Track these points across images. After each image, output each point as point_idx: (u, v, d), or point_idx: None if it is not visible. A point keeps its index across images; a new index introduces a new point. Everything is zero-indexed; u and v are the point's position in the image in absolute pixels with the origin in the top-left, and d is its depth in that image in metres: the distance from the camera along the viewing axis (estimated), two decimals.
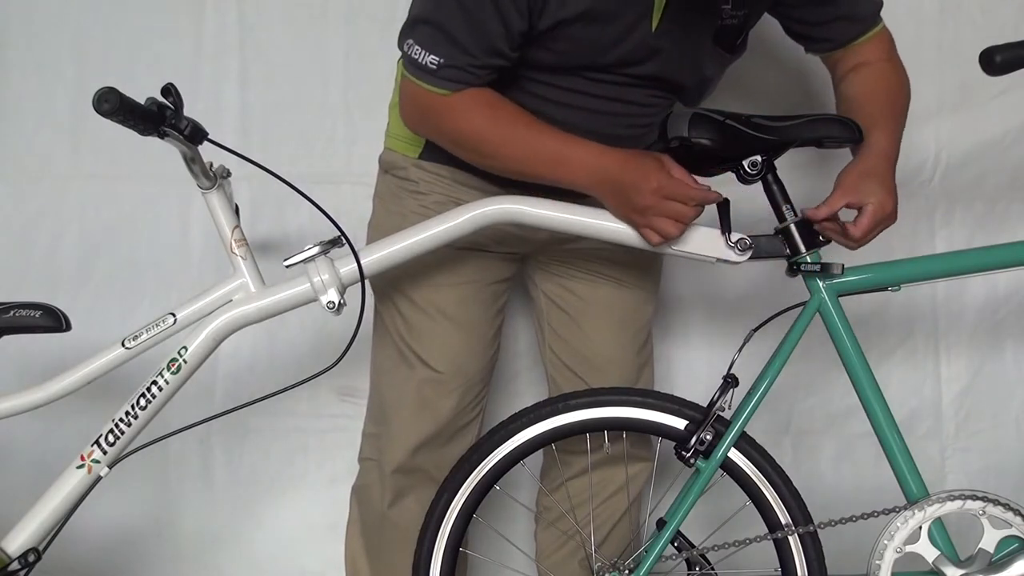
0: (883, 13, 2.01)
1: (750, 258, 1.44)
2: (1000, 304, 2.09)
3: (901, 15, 2.01)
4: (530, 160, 1.41)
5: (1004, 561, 1.43)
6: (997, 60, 1.39)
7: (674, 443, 1.49)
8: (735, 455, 1.48)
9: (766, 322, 1.49)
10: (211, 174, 1.45)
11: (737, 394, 1.48)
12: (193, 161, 1.41)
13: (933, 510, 1.44)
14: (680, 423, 1.48)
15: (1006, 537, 1.45)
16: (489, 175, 1.52)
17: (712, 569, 1.53)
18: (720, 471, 1.47)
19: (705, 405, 1.47)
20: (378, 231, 1.60)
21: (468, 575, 1.79)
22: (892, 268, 1.48)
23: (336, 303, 1.42)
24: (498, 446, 1.50)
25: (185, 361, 1.45)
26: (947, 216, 2.06)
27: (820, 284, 1.46)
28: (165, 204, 2.00)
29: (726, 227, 1.44)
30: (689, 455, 1.47)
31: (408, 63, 1.41)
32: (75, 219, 2.02)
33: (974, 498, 1.44)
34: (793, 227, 1.45)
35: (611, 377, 1.65)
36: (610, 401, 1.50)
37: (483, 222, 1.44)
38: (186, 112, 1.35)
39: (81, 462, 1.46)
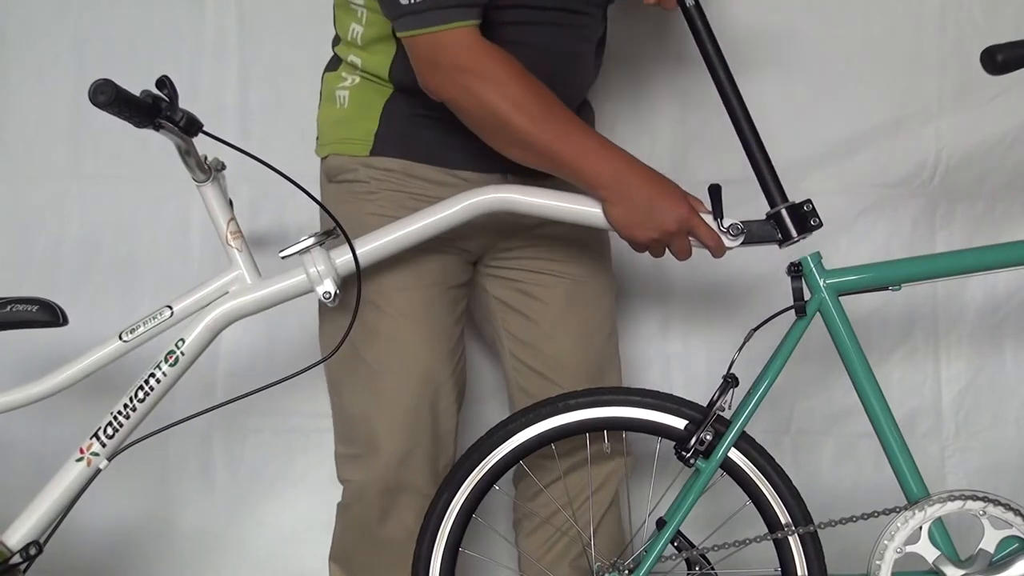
0: (883, 13, 2.03)
1: (742, 243, 1.45)
2: (1000, 304, 2.09)
3: (901, 15, 2.02)
4: (562, 144, 1.39)
5: (1005, 561, 1.43)
6: (999, 59, 1.40)
7: (674, 443, 1.49)
8: (735, 455, 1.47)
9: (766, 322, 1.48)
10: (206, 167, 1.45)
11: (737, 394, 1.48)
12: (188, 154, 1.41)
13: (933, 510, 1.44)
14: (680, 423, 1.48)
15: (1007, 537, 1.44)
16: (444, 164, 1.53)
17: (712, 569, 1.53)
18: (720, 471, 1.47)
19: (705, 405, 1.47)
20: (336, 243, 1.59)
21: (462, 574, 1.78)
22: (892, 267, 1.48)
23: (332, 293, 1.42)
24: (497, 446, 1.50)
25: (183, 353, 1.45)
26: (947, 216, 2.06)
27: (820, 283, 1.46)
28: (165, 204, 2.00)
29: (718, 213, 1.44)
30: (689, 455, 1.46)
31: (412, 17, 1.37)
32: (75, 219, 2.02)
33: (975, 498, 1.44)
34: (784, 212, 1.45)
35: (581, 374, 1.63)
36: (609, 401, 1.50)
37: (477, 211, 1.44)
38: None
39: (80, 455, 1.46)
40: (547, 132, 1.39)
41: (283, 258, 1.43)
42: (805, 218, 1.45)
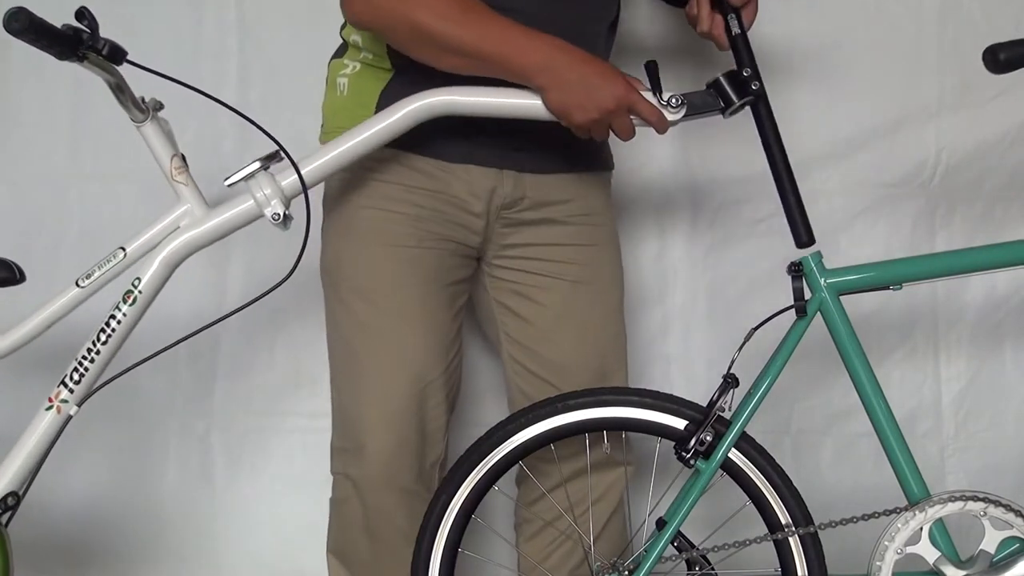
0: (882, 13, 2.03)
1: (685, 115, 1.43)
2: (1000, 304, 2.09)
3: (901, 15, 2.03)
4: (486, 40, 1.39)
5: (1005, 562, 1.43)
6: (1001, 58, 1.40)
7: (674, 443, 1.48)
8: (735, 455, 1.47)
9: (766, 321, 1.48)
10: (143, 106, 1.44)
11: (737, 394, 1.47)
12: (121, 91, 1.39)
13: (934, 511, 1.44)
14: (680, 423, 1.48)
15: (1007, 538, 1.44)
16: (439, 156, 1.53)
17: (712, 569, 1.53)
18: (720, 471, 1.47)
19: (705, 405, 1.47)
20: (332, 232, 1.59)
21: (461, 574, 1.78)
22: (893, 267, 1.48)
23: (281, 214, 1.41)
24: (497, 446, 1.49)
25: (140, 292, 1.44)
26: (947, 216, 2.06)
27: (821, 283, 1.46)
28: (165, 205, 2.00)
29: (656, 88, 1.42)
30: (689, 456, 1.46)
31: None
32: (75, 219, 2.02)
33: (975, 499, 1.44)
34: (723, 79, 1.44)
35: (583, 376, 1.61)
36: (609, 401, 1.50)
37: (420, 116, 1.43)
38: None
39: (49, 404, 1.45)
40: (471, 33, 1.39)
41: (229, 186, 1.41)
42: (745, 84, 1.43)
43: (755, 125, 1.45)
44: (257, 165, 1.41)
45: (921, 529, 1.44)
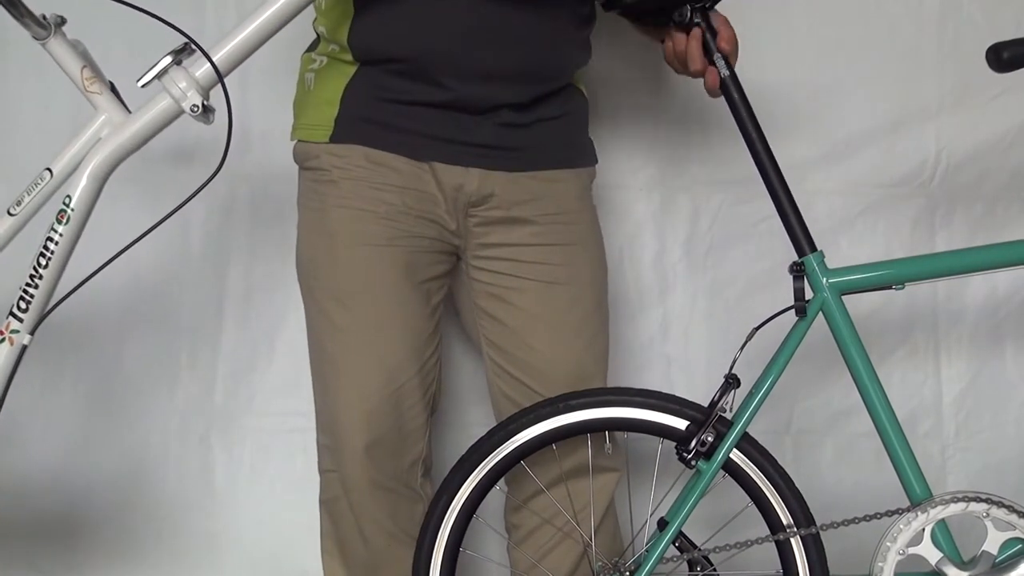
0: (882, 13, 2.03)
1: None
2: (1000, 304, 2.09)
3: (901, 15, 2.03)
4: None
5: (1007, 563, 1.43)
6: (1004, 56, 1.40)
7: (675, 444, 1.48)
8: (736, 456, 1.47)
9: (767, 321, 1.48)
10: (43, 22, 1.41)
11: (738, 394, 1.47)
12: (13, 5, 1.36)
13: (936, 512, 1.44)
14: (681, 424, 1.48)
15: (1010, 539, 1.44)
16: (407, 153, 1.52)
17: (714, 570, 1.53)
18: (721, 472, 1.47)
19: (706, 406, 1.47)
20: (305, 232, 1.59)
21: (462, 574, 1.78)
22: (894, 267, 1.48)
23: (199, 105, 1.37)
24: (498, 446, 1.50)
25: (72, 209, 1.41)
26: (947, 216, 2.06)
27: (823, 283, 1.46)
28: (164, 204, 1.99)
29: None
30: (690, 456, 1.46)
31: None
32: None
33: (978, 500, 1.43)
34: None
35: (560, 379, 1.59)
36: (611, 401, 1.50)
37: None
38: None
39: (1, 336, 1.42)
40: None
41: (143, 86, 1.38)
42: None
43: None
44: (168, 60, 1.37)
45: (923, 530, 1.44)
